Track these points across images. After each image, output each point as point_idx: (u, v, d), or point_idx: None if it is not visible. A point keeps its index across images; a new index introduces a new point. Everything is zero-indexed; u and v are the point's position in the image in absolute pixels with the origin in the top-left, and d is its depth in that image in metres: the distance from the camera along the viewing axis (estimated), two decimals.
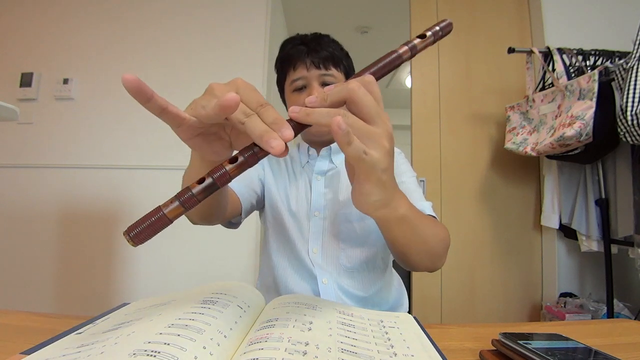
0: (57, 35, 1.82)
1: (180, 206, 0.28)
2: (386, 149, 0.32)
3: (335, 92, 0.31)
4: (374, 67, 0.34)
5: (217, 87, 0.31)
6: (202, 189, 0.28)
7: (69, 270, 1.69)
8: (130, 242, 0.27)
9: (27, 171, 1.74)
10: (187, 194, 0.28)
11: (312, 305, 0.41)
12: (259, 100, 0.30)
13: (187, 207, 0.28)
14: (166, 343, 0.26)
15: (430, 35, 0.36)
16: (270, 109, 0.30)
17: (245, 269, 1.66)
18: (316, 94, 0.31)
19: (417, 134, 1.81)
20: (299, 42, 0.70)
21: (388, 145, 0.32)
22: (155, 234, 0.27)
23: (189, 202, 0.28)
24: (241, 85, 0.31)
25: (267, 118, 0.29)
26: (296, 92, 0.69)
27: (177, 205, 0.28)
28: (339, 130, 0.28)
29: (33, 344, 0.31)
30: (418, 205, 0.61)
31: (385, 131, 0.32)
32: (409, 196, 0.63)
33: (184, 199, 0.28)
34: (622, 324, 0.49)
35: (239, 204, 0.68)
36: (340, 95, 0.31)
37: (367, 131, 0.31)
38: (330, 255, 0.69)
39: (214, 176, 0.28)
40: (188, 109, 0.32)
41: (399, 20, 2.50)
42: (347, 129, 0.28)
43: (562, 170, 1.54)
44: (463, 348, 0.39)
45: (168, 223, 0.28)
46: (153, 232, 0.27)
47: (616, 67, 1.27)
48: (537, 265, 1.72)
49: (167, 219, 0.27)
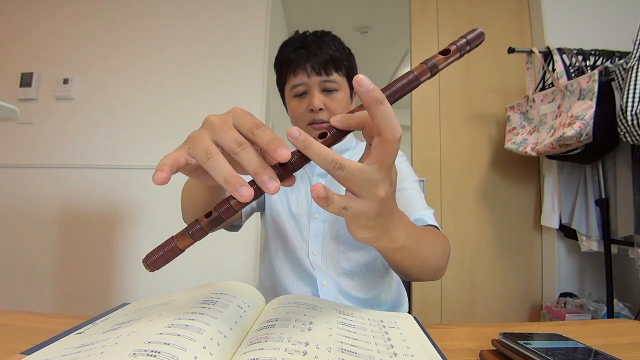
0: (57, 35, 1.82)
1: (190, 238, 0.30)
2: (379, 198, 0.30)
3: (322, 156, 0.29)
4: (386, 91, 0.30)
5: (215, 121, 0.30)
6: (209, 222, 0.30)
7: (69, 270, 1.69)
8: (147, 268, 0.30)
9: (27, 171, 1.74)
10: (195, 227, 0.30)
11: (312, 306, 0.41)
12: (254, 122, 0.29)
13: (196, 238, 0.30)
14: (166, 343, 0.26)
15: (456, 49, 0.31)
16: (265, 130, 0.29)
17: (245, 270, 1.67)
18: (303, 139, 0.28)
19: (417, 134, 1.81)
20: (299, 45, 0.68)
21: (383, 194, 0.30)
22: (168, 261, 0.30)
23: (197, 234, 0.30)
24: (237, 112, 0.30)
25: (263, 139, 0.28)
26: (297, 97, 0.69)
27: (187, 237, 0.30)
28: (316, 197, 0.28)
29: (33, 344, 0.31)
30: (419, 215, 0.61)
31: (383, 182, 0.30)
32: (410, 205, 0.64)
33: (193, 231, 0.30)
34: (622, 324, 0.49)
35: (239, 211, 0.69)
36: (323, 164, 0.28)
37: (361, 182, 0.29)
38: (330, 258, 0.69)
39: (220, 210, 0.30)
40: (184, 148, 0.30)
41: (399, 20, 2.50)
42: (325, 195, 0.27)
43: (562, 170, 1.54)
44: (463, 348, 0.39)
45: (179, 252, 0.30)
46: (166, 260, 0.30)
47: (616, 67, 1.26)
48: (537, 265, 1.72)
49: (179, 249, 0.30)
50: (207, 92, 1.73)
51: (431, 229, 0.60)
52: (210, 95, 1.72)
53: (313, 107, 0.65)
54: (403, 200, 0.66)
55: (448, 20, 1.87)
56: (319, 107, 0.65)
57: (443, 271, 0.54)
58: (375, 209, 0.30)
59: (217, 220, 0.30)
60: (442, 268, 0.53)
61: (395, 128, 0.28)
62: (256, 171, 0.27)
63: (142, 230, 1.69)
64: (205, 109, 0.65)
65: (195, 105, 1.72)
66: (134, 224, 1.70)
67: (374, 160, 0.29)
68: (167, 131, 1.70)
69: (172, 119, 1.72)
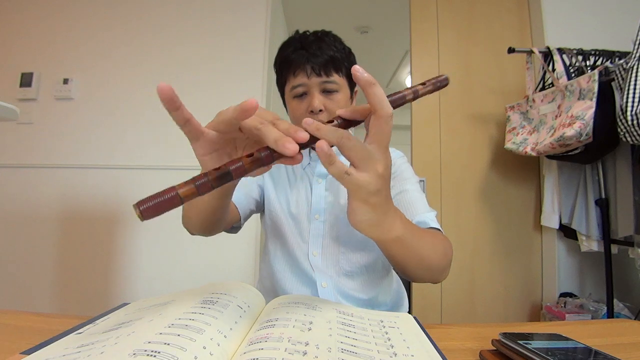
0: (57, 35, 1.82)
1: (195, 188, 0.29)
2: (378, 172, 0.34)
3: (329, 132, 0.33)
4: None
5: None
6: (217, 177, 0.30)
7: (69, 270, 1.69)
8: (139, 215, 0.27)
9: (26, 171, 1.74)
10: (203, 179, 0.29)
11: (312, 306, 0.41)
12: (275, 115, 0.34)
13: (201, 191, 0.29)
14: (166, 343, 0.26)
15: (429, 84, 0.40)
16: (284, 122, 0.33)
17: (245, 270, 1.66)
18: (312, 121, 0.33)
19: (417, 134, 1.81)
20: (300, 46, 0.68)
21: (381, 170, 0.34)
22: (164, 211, 0.28)
23: (203, 187, 0.29)
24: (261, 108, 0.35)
25: (281, 126, 0.32)
26: (297, 98, 0.68)
27: (192, 187, 0.28)
28: (320, 151, 0.32)
29: (33, 344, 0.31)
30: (421, 218, 0.61)
31: (381, 160, 0.34)
32: (412, 208, 0.64)
33: (199, 183, 0.29)
34: (622, 324, 0.49)
35: (237, 212, 0.70)
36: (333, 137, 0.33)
37: (364, 154, 0.34)
38: (330, 259, 0.69)
39: (231, 167, 0.30)
40: (208, 124, 0.35)
41: (399, 20, 2.50)
42: (329, 152, 0.32)
43: (562, 170, 1.54)
44: (463, 348, 0.39)
45: (179, 203, 0.28)
46: (162, 209, 0.27)
47: (616, 67, 1.26)
48: (537, 265, 1.72)
49: (179, 199, 0.28)
50: (207, 91, 1.73)
51: (433, 231, 0.59)
52: (210, 95, 1.72)
53: (313, 108, 0.65)
54: (405, 202, 0.65)
55: (448, 20, 1.87)
56: (318, 108, 0.65)
57: (445, 272, 0.54)
58: (375, 183, 0.34)
59: (226, 177, 0.30)
60: (443, 269, 0.53)
61: (387, 106, 0.34)
62: (276, 138, 0.31)
63: (142, 230, 1.68)
64: (206, 109, 0.65)
65: (195, 105, 1.69)
66: (133, 224, 1.69)
67: (373, 140, 0.34)
68: (167, 131, 1.70)
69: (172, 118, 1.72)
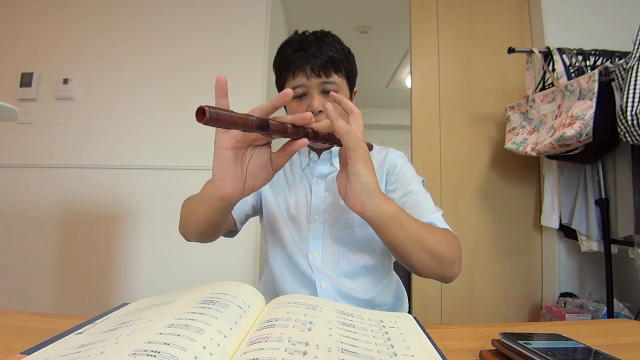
0: (57, 35, 1.82)
1: (246, 116, 0.37)
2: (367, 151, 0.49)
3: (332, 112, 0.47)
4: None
5: None
6: (258, 122, 0.38)
7: (69, 270, 1.69)
8: (206, 114, 0.33)
9: (27, 171, 1.74)
10: (251, 117, 0.37)
11: (312, 306, 0.41)
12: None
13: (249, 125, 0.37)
14: (166, 343, 0.26)
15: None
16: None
17: (245, 270, 1.66)
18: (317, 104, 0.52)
19: (417, 134, 1.81)
20: (299, 46, 0.67)
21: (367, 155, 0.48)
22: (223, 124, 0.35)
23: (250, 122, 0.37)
24: None
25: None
26: (296, 99, 0.68)
27: (245, 115, 0.37)
28: (329, 109, 0.46)
29: (33, 344, 0.31)
30: (428, 219, 0.62)
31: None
32: (418, 209, 0.65)
33: (251, 117, 0.37)
34: (622, 324, 0.49)
35: (232, 219, 0.72)
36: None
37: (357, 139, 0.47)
38: (330, 259, 0.69)
39: (273, 122, 0.40)
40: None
41: (399, 20, 2.49)
42: (335, 112, 0.46)
43: (562, 170, 1.54)
44: (463, 348, 0.39)
45: (235, 124, 0.36)
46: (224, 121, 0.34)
47: (616, 67, 1.26)
48: (537, 265, 1.72)
49: (237, 119, 0.36)
50: (207, 91, 1.71)
51: (440, 228, 0.60)
52: (210, 95, 1.72)
53: (312, 109, 0.65)
54: (410, 204, 0.65)
55: (448, 20, 1.87)
56: (318, 109, 0.65)
57: (454, 266, 0.56)
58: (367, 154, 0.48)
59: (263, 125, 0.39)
60: (451, 260, 0.55)
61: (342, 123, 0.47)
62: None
63: (141, 230, 1.69)
64: None
65: (195, 105, 1.70)
66: (133, 224, 1.69)
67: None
68: (167, 131, 1.70)
69: (172, 119, 1.72)
